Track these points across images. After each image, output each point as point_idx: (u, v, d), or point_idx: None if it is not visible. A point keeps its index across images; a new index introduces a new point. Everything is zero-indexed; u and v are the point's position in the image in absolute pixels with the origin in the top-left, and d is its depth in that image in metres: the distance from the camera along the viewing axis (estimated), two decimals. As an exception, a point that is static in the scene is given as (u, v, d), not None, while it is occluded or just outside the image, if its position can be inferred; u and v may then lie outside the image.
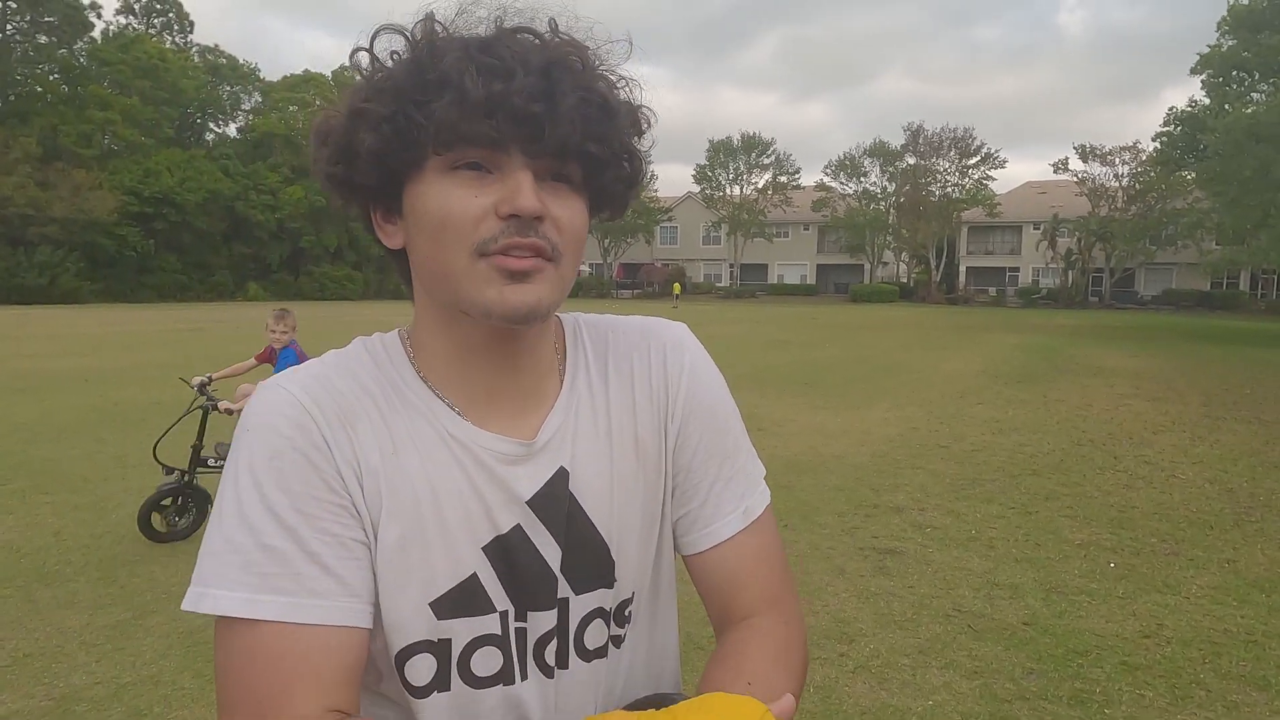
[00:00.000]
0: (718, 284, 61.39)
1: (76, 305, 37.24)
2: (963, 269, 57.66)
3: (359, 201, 0.73)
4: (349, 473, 0.69)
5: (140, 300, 42.19)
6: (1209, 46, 35.64)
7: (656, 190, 61.94)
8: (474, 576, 0.72)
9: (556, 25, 0.70)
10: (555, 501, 0.75)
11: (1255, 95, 31.90)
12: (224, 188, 45.94)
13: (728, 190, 59.85)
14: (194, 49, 53.20)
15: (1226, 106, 30.56)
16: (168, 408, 8.65)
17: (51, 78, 45.17)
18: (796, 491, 5.69)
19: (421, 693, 0.72)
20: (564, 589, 0.75)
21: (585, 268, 63.01)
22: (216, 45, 57.59)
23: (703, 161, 59.99)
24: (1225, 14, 34.93)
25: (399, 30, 0.69)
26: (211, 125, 53.19)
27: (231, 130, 53.53)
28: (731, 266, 61.58)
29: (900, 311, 39.74)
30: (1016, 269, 56.82)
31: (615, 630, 0.79)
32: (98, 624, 3.49)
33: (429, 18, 0.69)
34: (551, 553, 0.75)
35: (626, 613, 0.79)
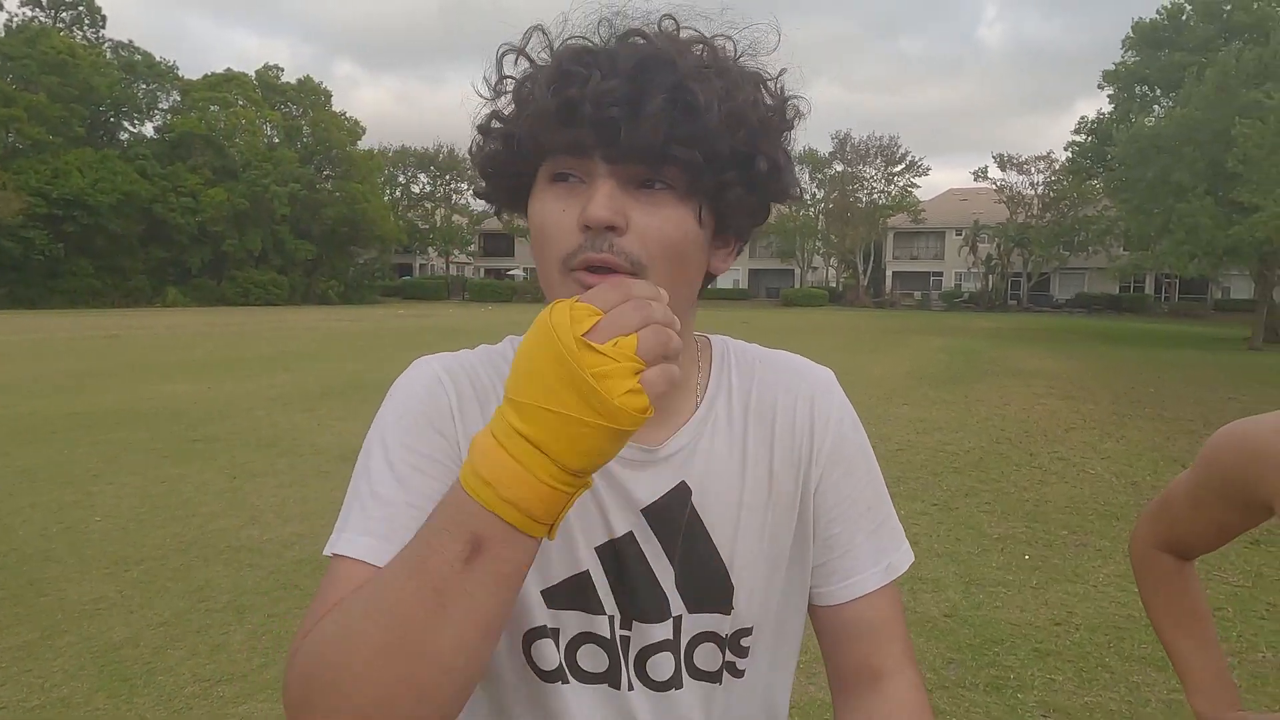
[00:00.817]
0: (652, 288, 61.59)
1: (-22, 312, 35.19)
2: (889, 273, 59.31)
3: (507, 204, 0.75)
4: (464, 442, 0.70)
5: (50, 306, 40.12)
6: (1115, 63, 37.56)
7: (591, 195, 61.82)
8: (586, 574, 0.72)
9: (676, 22, 0.67)
10: (672, 514, 0.73)
11: (1156, 109, 33.71)
12: (140, 189, 44.05)
13: (662, 195, 60.18)
14: (106, 45, 50.89)
15: (1131, 118, 32.23)
16: (83, 419, 8.27)
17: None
18: (729, 493, 5.78)
19: (550, 677, 0.73)
20: (677, 605, 0.74)
21: (520, 272, 62.56)
22: (131, 41, 55.33)
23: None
24: (1130, 31, 36.86)
25: (514, 49, 0.69)
26: (126, 124, 50.88)
27: (148, 130, 51.39)
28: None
29: (830, 315, 40.62)
30: (940, 273, 58.73)
31: (730, 658, 0.76)
32: (2, 646, 3.33)
33: (561, 22, 0.69)
34: (661, 566, 0.73)
35: (743, 644, 0.77)
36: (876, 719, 0.74)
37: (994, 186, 52.59)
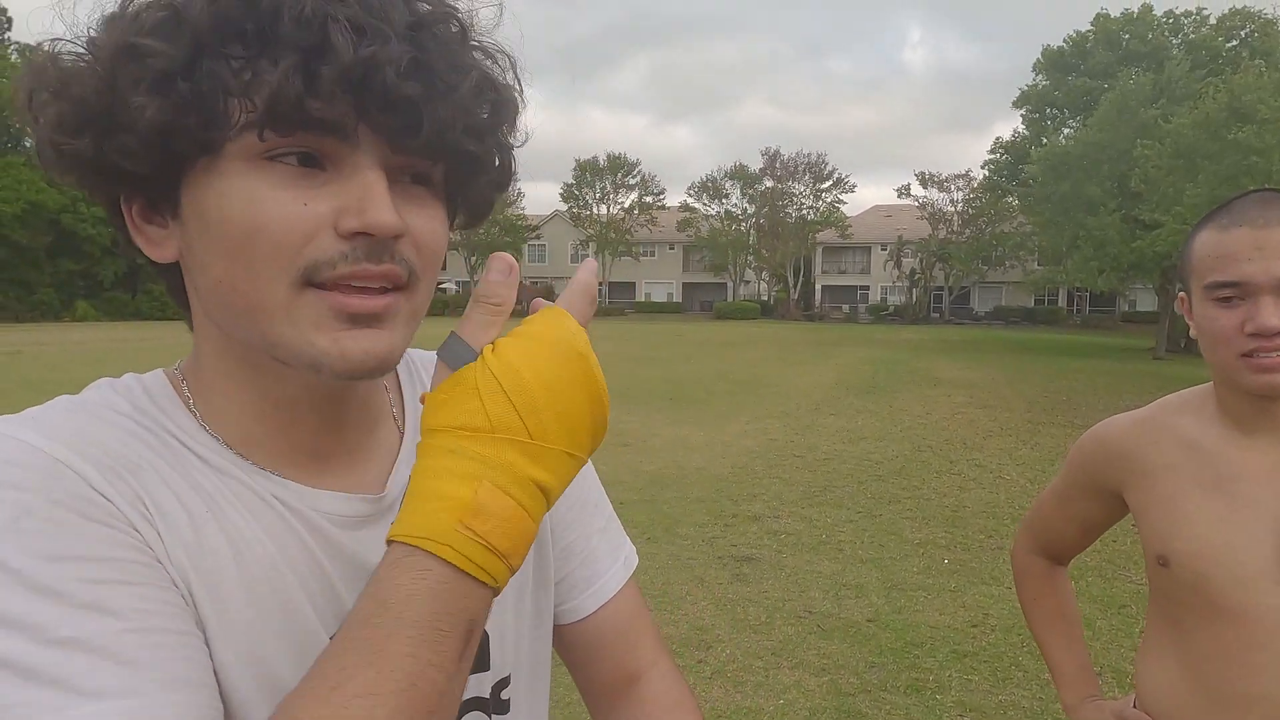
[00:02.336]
0: (586, 302, 61.69)
1: None
2: (819, 287, 60.63)
3: (105, 188, 0.51)
4: (147, 531, 0.48)
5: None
6: (1027, 85, 39.38)
7: (524, 209, 61.75)
8: None
9: None
10: None
11: (1066, 129, 35.45)
12: (48, 199, 41.93)
13: (595, 209, 60.45)
14: (12, 47, 48.54)
15: (1044, 139, 33.84)
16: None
17: None
18: (659, 504, 5.81)
19: None
20: None
21: (452, 286, 61.81)
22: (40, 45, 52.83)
23: (570, 181, 60.39)
24: (1040, 57, 38.73)
25: None
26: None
27: (56, 136, 49.10)
28: (600, 285, 61.85)
29: (761, 328, 41.25)
30: (867, 287, 60.31)
31: (497, 717, 0.65)
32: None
33: None
34: None
35: (504, 697, 0.65)
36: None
37: (916, 203, 54.37)
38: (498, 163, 0.56)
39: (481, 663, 0.63)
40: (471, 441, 0.44)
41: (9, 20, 48.72)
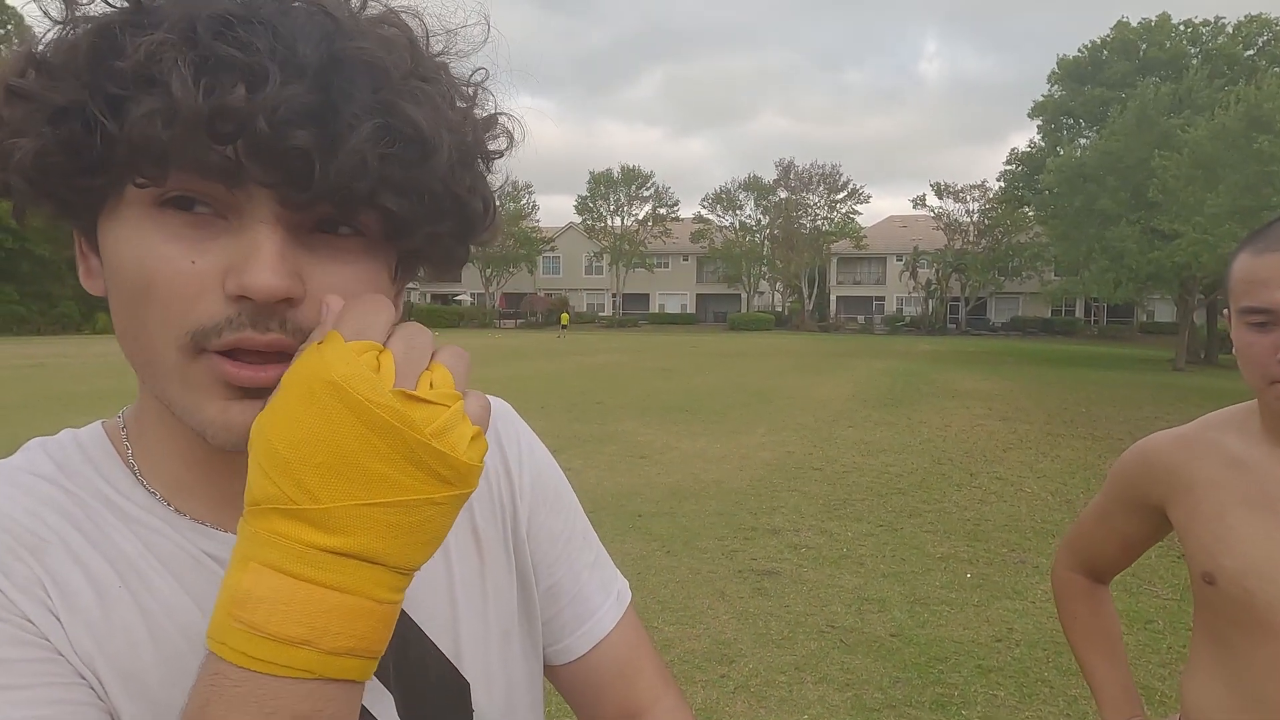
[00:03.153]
0: (601, 313, 61.87)
1: (-110, 340, 33.46)
2: (833, 298, 60.51)
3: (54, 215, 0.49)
4: (44, 620, 0.46)
5: (-32, 334, 38.37)
6: (1042, 95, 39.25)
7: (539, 221, 62.02)
8: None
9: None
10: None
11: (1083, 140, 35.29)
12: (69, 212, 42.58)
13: (609, 221, 60.66)
14: (35, 64, 49.34)
15: (1059, 150, 33.68)
16: (2, 454, 7.91)
17: None
18: (678, 517, 5.81)
19: None
20: None
21: (467, 297, 62.12)
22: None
23: (584, 193, 60.66)
24: (1055, 67, 38.64)
25: None
26: (55, 145, 49.36)
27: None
28: (614, 296, 62.22)
29: (776, 339, 41.18)
30: (882, 298, 60.15)
31: None
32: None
33: None
34: (375, 695, 0.55)
35: None
36: None
37: (932, 214, 54.24)
38: (457, 211, 0.49)
39: (463, 712, 0.60)
40: (245, 519, 0.40)
41: (35, 37, 49.51)
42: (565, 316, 49.59)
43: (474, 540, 0.63)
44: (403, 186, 0.45)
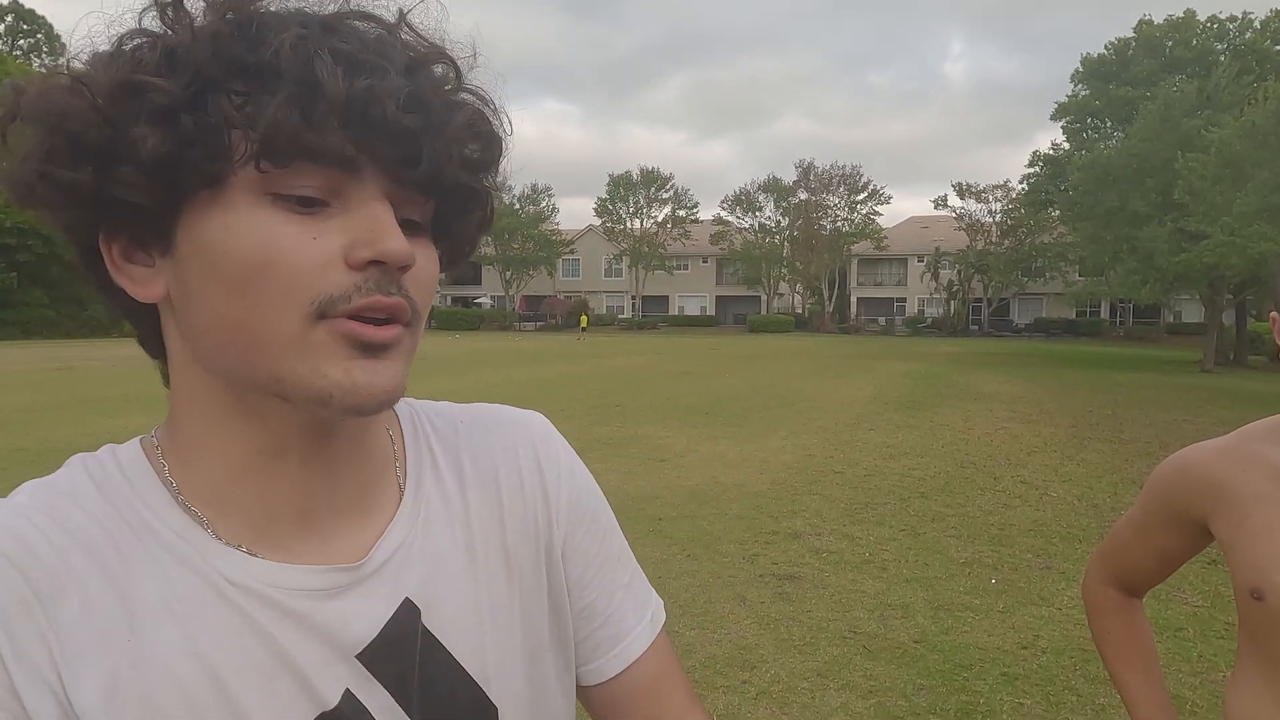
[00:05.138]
0: (620, 315, 61.91)
1: (-75, 344, 34.16)
2: (854, 299, 60.17)
3: (88, 222, 0.50)
4: (36, 693, 0.46)
5: (2, 338, 39.08)
6: (1067, 95, 38.83)
7: (559, 224, 62.19)
8: None
9: (406, 18, 0.51)
10: (401, 648, 0.55)
11: (1110, 142, 34.83)
12: (97, 218, 43.27)
13: (628, 224, 60.73)
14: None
15: (1084, 151, 33.27)
16: (32, 455, 8.04)
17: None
18: (699, 521, 5.79)
19: None
20: None
21: (487, 300, 62.39)
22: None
23: (604, 196, 60.75)
24: (1079, 66, 38.20)
25: None
26: (84, 151, 50.18)
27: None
28: (633, 298, 62.25)
29: (796, 341, 41.02)
30: (904, 299, 59.72)
31: None
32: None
33: None
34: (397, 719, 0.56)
35: None
36: None
37: (954, 214, 53.80)
38: (490, 204, 0.56)
39: None
40: None
41: (63, 46, 50.35)
42: (585, 319, 49.64)
43: (504, 560, 0.63)
44: (475, 169, 0.52)
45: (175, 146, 0.45)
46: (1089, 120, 38.07)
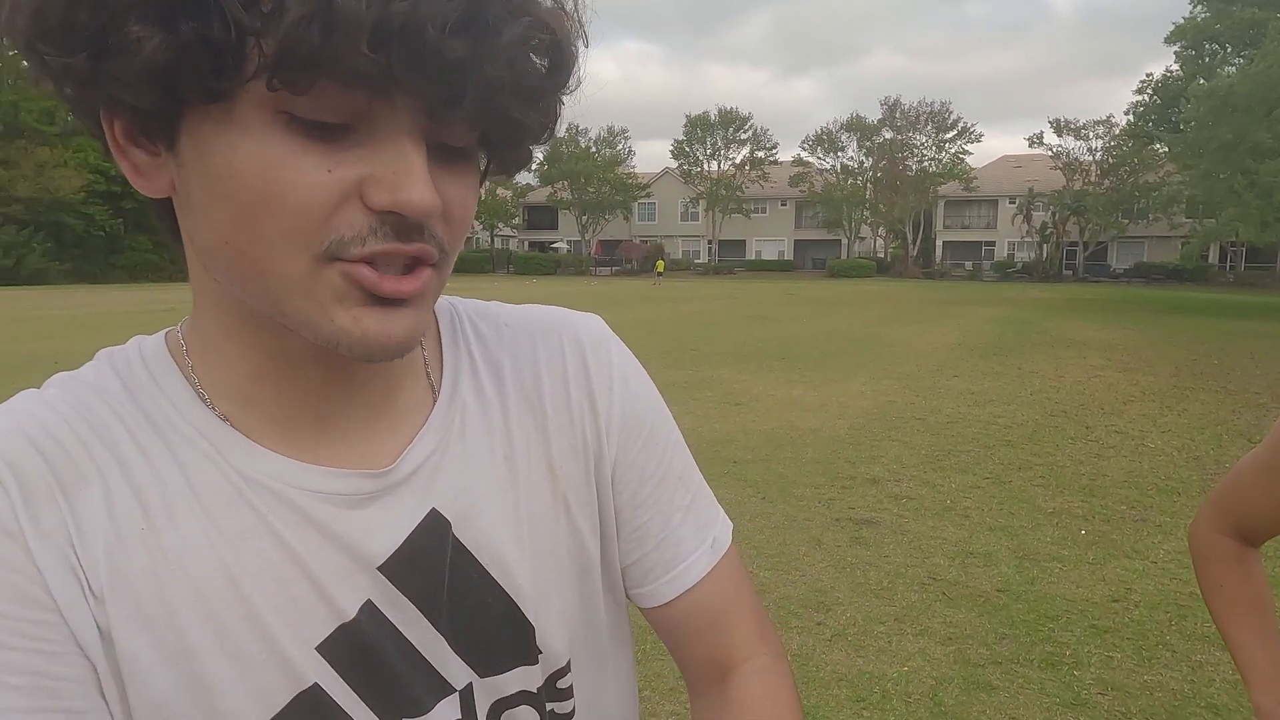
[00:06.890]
0: (696, 260, 61.41)
1: (44, 286, 36.56)
2: (939, 243, 58.05)
3: (88, 100, 0.44)
4: (59, 574, 0.46)
5: (110, 281, 41.51)
6: (1183, 18, 35.87)
7: (635, 167, 61.65)
8: (314, 688, 0.50)
9: None
10: (427, 560, 0.53)
11: (1229, 69, 32.16)
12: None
13: (705, 166, 59.71)
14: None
15: (1200, 80, 30.81)
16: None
17: (10, 53, 43.92)
18: (773, 464, 5.74)
19: None
20: (460, 675, 0.55)
21: (563, 245, 62.72)
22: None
23: (680, 138, 59.74)
24: (1199, -14, 35.16)
25: None
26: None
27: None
28: (710, 243, 61.55)
29: (877, 286, 39.96)
30: (992, 243, 57.28)
31: (552, 707, 0.59)
32: None
33: None
34: (423, 633, 0.53)
35: (561, 686, 0.60)
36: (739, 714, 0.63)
37: (1050, 153, 50.93)
38: (550, 125, 0.49)
39: (526, 655, 0.57)
40: None
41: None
42: (661, 263, 49.35)
43: (549, 476, 0.59)
44: (532, 97, 0.44)
45: (174, 54, 0.38)
46: (1207, 46, 35.13)
